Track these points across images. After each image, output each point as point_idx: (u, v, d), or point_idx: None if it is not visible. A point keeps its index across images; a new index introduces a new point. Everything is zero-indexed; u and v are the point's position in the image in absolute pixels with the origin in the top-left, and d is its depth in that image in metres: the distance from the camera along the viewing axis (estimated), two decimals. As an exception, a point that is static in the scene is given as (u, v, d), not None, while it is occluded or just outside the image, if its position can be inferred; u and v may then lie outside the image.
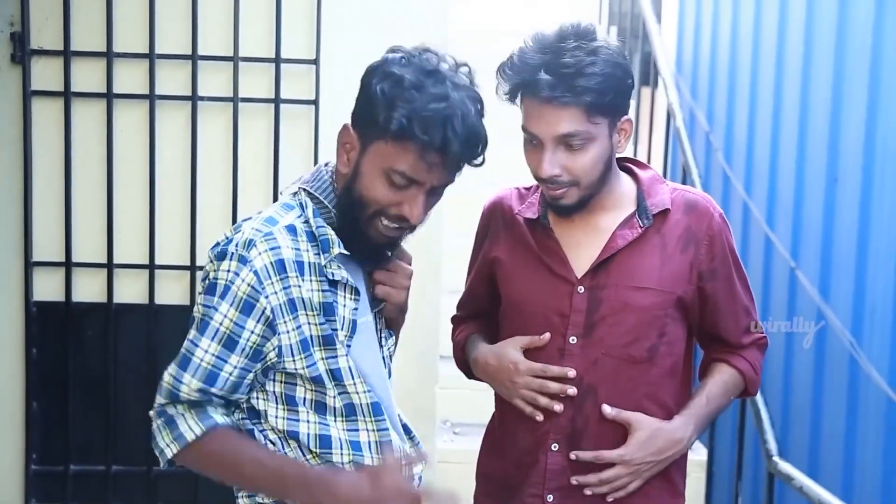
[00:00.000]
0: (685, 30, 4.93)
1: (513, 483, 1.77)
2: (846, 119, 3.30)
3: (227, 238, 1.49)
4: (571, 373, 1.69)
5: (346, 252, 1.51)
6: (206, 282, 1.48)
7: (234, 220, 2.67)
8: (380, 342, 1.63)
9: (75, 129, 2.64)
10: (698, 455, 3.43)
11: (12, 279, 2.66)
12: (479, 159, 1.50)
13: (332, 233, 1.50)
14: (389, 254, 1.58)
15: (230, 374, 1.47)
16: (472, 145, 1.46)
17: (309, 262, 1.48)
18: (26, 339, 2.67)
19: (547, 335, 1.70)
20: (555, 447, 1.72)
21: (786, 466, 2.71)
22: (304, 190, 1.54)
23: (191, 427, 1.48)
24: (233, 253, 1.44)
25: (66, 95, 2.62)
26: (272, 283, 1.45)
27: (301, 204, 1.52)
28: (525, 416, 1.74)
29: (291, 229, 1.48)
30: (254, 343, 1.46)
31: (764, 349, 1.84)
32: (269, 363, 1.49)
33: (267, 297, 1.45)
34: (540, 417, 1.70)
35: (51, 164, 2.65)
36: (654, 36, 4.23)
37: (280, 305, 1.46)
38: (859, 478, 3.14)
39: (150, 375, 2.70)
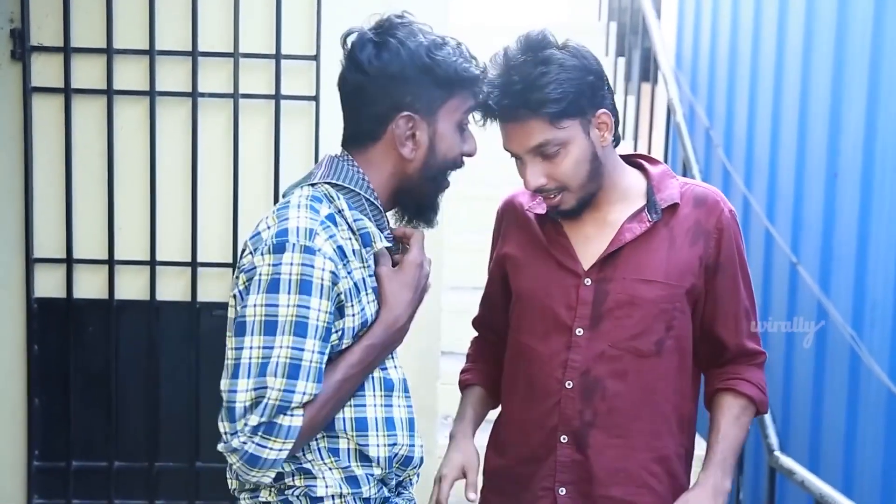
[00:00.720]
0: (685, 25, 4.93)
1: (523, 478, 1.78)
2: (846, 114, 3.31)
3: (269, 228, 1.46)
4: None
5: (389, 244, 1.56)
6: (261, 277, 1.42)
7: (235, 217, 2.67)
8: None
9: (76, 125, 2.64)
10: (699, 449, 3.43)
11: (13, 276, 2.66)
12: None
13: (371, 224, 1.53)
14: None
15: (323, 364, 1.46)
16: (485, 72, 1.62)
17: (354, 250, 1.50)
18: (28, 335, 2.67)
19: (473, 496, 1.76)
20: (564, 439, 1.73)
21: (787, 461, 2.71)
22: (329, 183, 1.54)
23: (293, 419, 1.41)
24: (294, 244, 1.42)
25: (67, 92, 2.62)
26: (342, 267, 1.46)
27: (327, 196, 1.52)
28: (533, 412, 1.75)
29: (332, 219, 1.49)
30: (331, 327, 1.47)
31: (763, 367, 1.83)
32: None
33: (341, 281, 1.46)
34: None
35: (51, 160, 2.65)
36: (654, 31, 4.23)
37: (349, 290, 1.47)
38: (860, 471, 3.14)
39: (151, 371, 2.71)
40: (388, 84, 1.50)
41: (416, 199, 1.58)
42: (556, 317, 1.73)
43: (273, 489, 1.52)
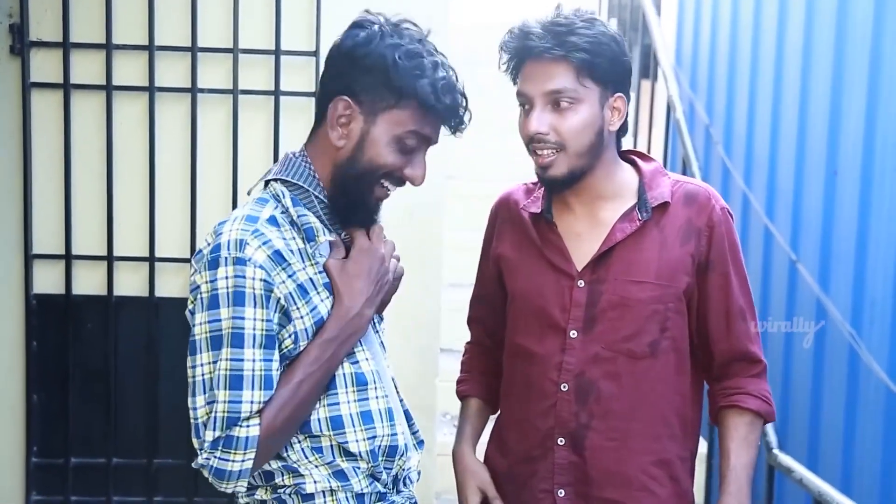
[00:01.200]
0: (685, 22, 4.92)
1: (522, 478, 1.78)
2: (846, 111, 3.30)
3: (209, 245, 1.47)
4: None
5: (331, 238, 1.54)
6: (202, 295, 1.43)
7: (234, 213, 2.66)
8: (374, 327, 1.64)
9: (75, 121, 2.64)
10: (700, 448, 3.44)
11: (12, 272, 2.66)
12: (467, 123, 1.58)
13: (315, 219, 1.52)
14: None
15: (277, 372, 1.46)
16: (467, 110, 1.56)
17: (299, 249, 1.50)
18: (26, 331, 2.66)
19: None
20: (561, 441, 1.72)
21: (786, 459, 2.71)
22: (279, 180, 1.54)
23: (249, 430, 1.43)
24: (226, 258, 1.42)
25: (66, 87, 2.62)
26: (278, 273, 1.45)
27: (275, 195, 1.53)
28: (530, 412, 1.74)
29: (273, 221, 1.49)
30: (275, 334, 1.46)
31: (765, 374, 1.79)
32: (283, 351, 1.48)
33: (277, 287, 1.45)
34: None
35: (50, 156, 2.64)
36: (654, 28, 4.22)
37: (290, 293, 1.46)
38: (858, 469, 3.14)
39: (150, 368, 2.70)
40: (345, 64, 1.50)
41: (345, 195, 1.53)
42: (550, 318, 1.73)
43: (268, 487, 1.52)
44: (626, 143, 4.49)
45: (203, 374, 1.43)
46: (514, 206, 1.83)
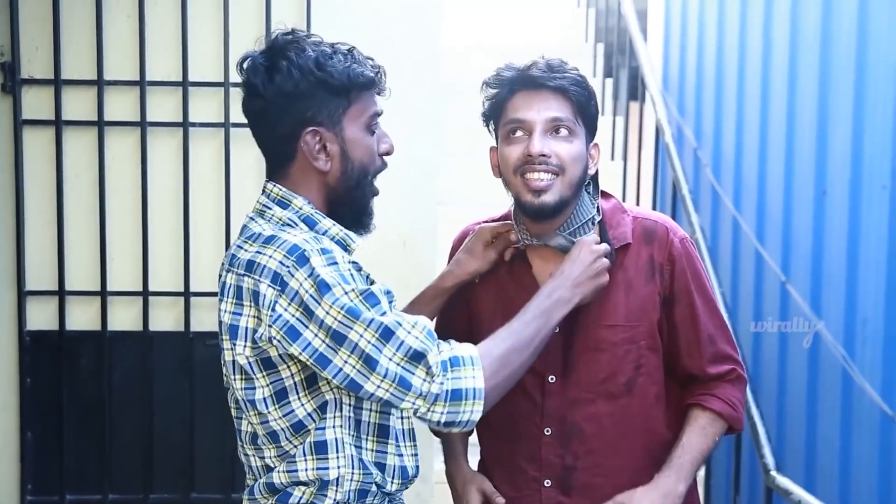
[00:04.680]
0: (671, 46, 4.97)
1: None
2: (833, 132, 3.34)
3: (273, 257, 1.48)
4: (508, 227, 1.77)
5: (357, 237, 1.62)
6: (308, 292, 1.44)
7: (227, 246, 2.66)
8: None
9: (67, 157, 2.64)
10: (695, 470, 3.43)
11: (5, 309, 2.65)
12: None
13: (339, 230, 1.58)
14: None
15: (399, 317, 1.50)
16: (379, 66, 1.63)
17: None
18: (20, 368, 2.65)
19: (501, 500, 1.78)
20: (547, 483, 1.75)
21: (784, 481, 2.71)
22: (296, 212, 1.57)
23: (474, 374, 1.46)
24: (311, 250, 1.47)
25: (58, 124, 2.62)
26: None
27: (287, 223, 1.56)
28: (516, 455, 1.76)
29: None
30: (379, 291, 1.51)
31: (740, 384, 1.80)
32: None
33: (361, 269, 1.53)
34: None
35: (42, 192, 2.65)
36: (641, 53, 4.26)
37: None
38: (855, 490, 3.15)
39: (145, 403, 2.69)
40: (286, 104, 1.52)
41: (348, 207, 1.60)
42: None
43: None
44: (617, 167, 4.52)
45: (367, 341, 1.44)
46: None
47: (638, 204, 4.02)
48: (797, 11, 3.60)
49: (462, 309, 1.86)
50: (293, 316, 1.45)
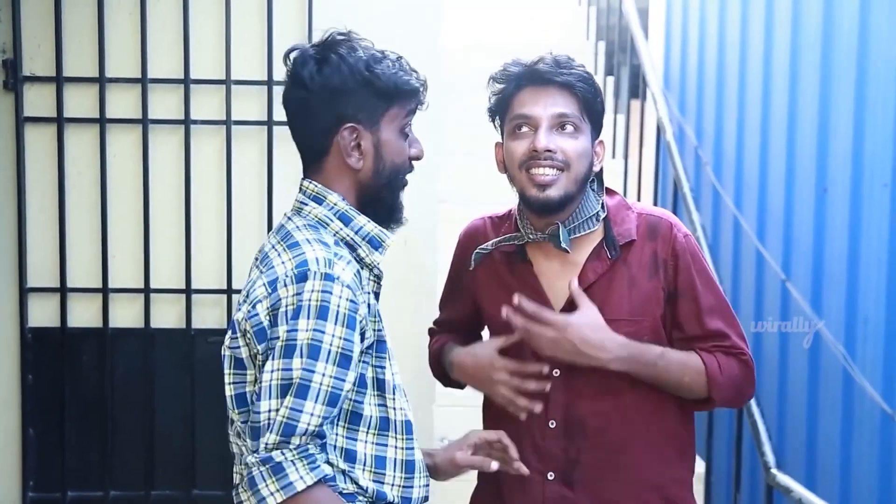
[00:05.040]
0: (672, 45, 4.97)
1: None
2: (833, 130, 3.34)
3: (285, 264, 1.50)
4: (546, 369, 1.72)
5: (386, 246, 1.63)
6: (286, 307, 1.47)
7: (229, 243, 2.67)
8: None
9: (68, 154, 2.65)
10: (696, 468, 3.44)
11: (7, 306, 2.65)
12: None
13: (373, 227, 1.59)
14: None
15: (347, 392, 1.50)
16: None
17: (358, 271, 1.57)
18: (22, 365, 2.66)
19: (517, 335, 1.74)
20: (551, 476, 1.75)
21: (784, 479, 2.72)
22: (331, 208, 1.59)
23: (302, 476, 1.45)
24: (315, 272, 1.47)
25: (59, 121, 2.63)
26: (359, 294, 1.52)
27: (321, 221, 1.58)
28: (519, 448, 1.75)
29: (338, 243, 1.57)
30: (357, 356, 1.51)
31: (742, 363, 1.75)
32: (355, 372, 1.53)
33: (360, 308, 1.51)
34: (523, 416, 1.73)
35: (44, 189, 2.65)
36: (643, 51, 4.26)
37: (366, 316, 1.53)
38: (856, 488, 3.15)
39: (146, 400, 2.70)
40: (330, 98, 1.56)
41: (380, 204, 1.63)
42: (532, 359, 1.75)
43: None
44: (618, 165, 4.52)
45: (271, 381, 1.46)
46: (484, 241, 1.84)
47: (639, 202, 4.02)
48: (798, 10, 3.60)
49: (467, 303, 1.89)
50: (266, 319, 1.50)
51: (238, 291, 2.68)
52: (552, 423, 1.74)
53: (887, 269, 3.02)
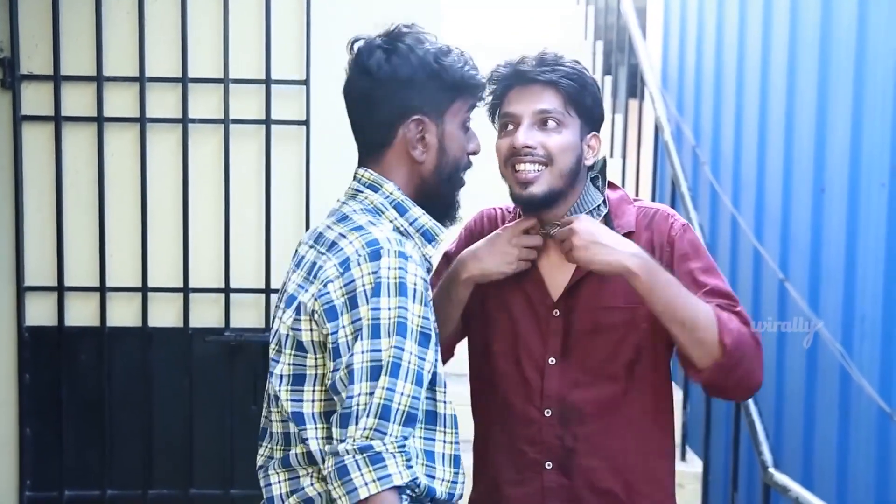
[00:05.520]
0: (670, 44, 4.97)
1: (511, 501, 1.79)
2: (831, 130, 3.34)
3: (353, 244, 1.47)
4: (534, 222, 1.74)
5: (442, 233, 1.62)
6: (364, 287, 1.44)
7: (227, 242, 2.67)
8: None
9: (66, 153, 2.64)
10: (694, 467, 3.44)
11: (4, 304, 2.65)
12: None
13: (427, 220, 1.58)
14: None
15: (427, 373, 1.47)
16: None
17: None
18: (19, 364, 2.66)
19: (534, 220, 1.75)
20: (549, 465, 1.75)
21: (782, 478, 2.72)
22: (387, 196, 1.57)
23: (400, 471, 1.40)
24: (388, 249, 1.46)
25: (57, 120, 2.62)
26: (425, 275, 1.51)
27: (376, 209, 1.57)
28: (515, 438, 1.76)
29: (394, 230, 1.56)
30: (435, 336, 1.49)
31: (746, 322, 1.68)
32: None
33: (429, 290, 1.50)
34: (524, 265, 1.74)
35: (42, 188, 2.65)
36: (641, 50, 4.26)
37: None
38: (853, 487, 3.15)
39: (144, 399, 2.69)
40: (397, 88, 1.55)
41: (439, 199, 1.62)
42: (528, 346, 1.77)
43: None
44: (616, 164, 4.52)
45: (362, 363, 1.42)
46: (492, 230, 1.84)
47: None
48: (796, 9, 3.60)
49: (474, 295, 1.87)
50: (340, 299, 1.45)
51: (235, 290, 2.68)
52: (548, 412, 1.75)
53: (884, 268, 3.02)
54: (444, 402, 1.55)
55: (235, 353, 2.68)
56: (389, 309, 1.43)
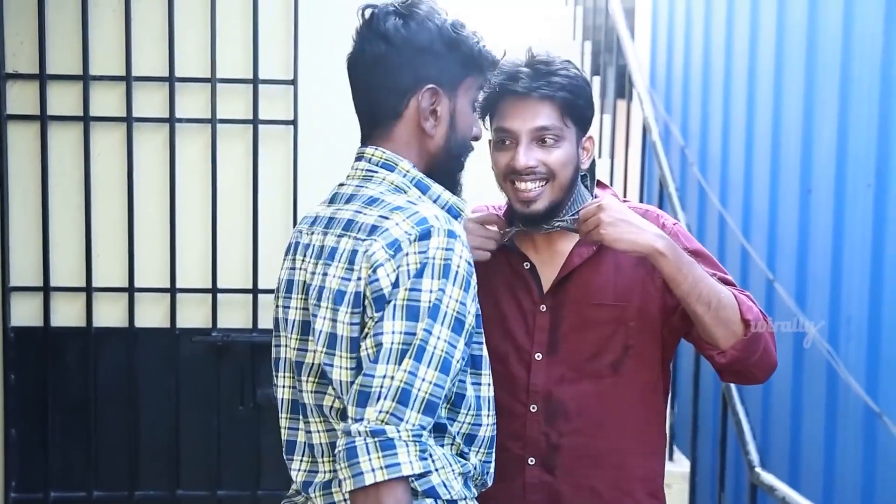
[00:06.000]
0: (658, 45, 4.98)
1: (493, 497, 1.78)
2: (818, 130, 3.35)
3: (399, 225, 1.38)
4: (497, 218, 1.75)
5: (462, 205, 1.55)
6: (408, 266, 1.36)
7: (214, 242, 2.66)
8: None
9: (52, 152, 2.63)
10: (681, 467, 3.45)
11: (-11, 305, 2.64)
12: None
13: (452, 195, 1.52)
14: None
15: (457, 362, 1.40)
16: None
17: None
18: (4, 364, 2.64)
19: (497, 217, 1.76)
20: (532, 461, 1.75)
21: (768, 477, 2.73)
22: (405, 175, 1.49)
23: (411, 461, 1.32)
24: (438, 228, 1.38)
25: (43, 119, 2.61)
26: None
27: (398, 188, 1.48)
28: (500, 435, 1.75)
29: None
30: (469, 324, 1.41)
31: (754, 302, 1.69)
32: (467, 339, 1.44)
33: (473, 273, 1.43)
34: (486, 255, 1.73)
35: (27, 188, 2.63)
36: (629, 51, 4.26)
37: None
38: (839, 486, 3.17)
39: (130, 399, 2.68)
40: (413, 55, 1.47)
41: (446, 176, 1.54)
42: (515, 341, 1.76)
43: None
44: (604, 164, 4.52)
45: (392, 344, 1.34)
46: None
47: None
48: (783, 11, 3.61)
49: None
50: (388, 282, 1.37)
51: (222, 290, 2.67)
52: (533, 408, 1.75)
53: (871, 269, 3.04)
54: (486, 385, 1.52)
55: (222, 354, 2.67)
56: (431, 291, 1.36)
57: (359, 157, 1.52)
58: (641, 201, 4.37)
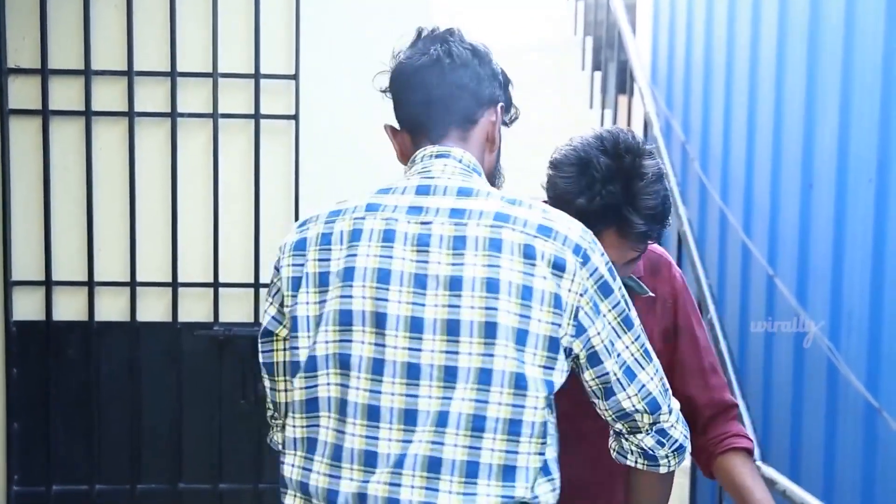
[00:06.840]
0: (659, 41, 4.98)
1: None
2: (820, 126, 3.35)
3: (572, 226, 1.40)
4: None
5: None
6: (603, 276, 1.40)
7: (216, 236, 2.66)
8: None
9: (54, 147, 2.63)
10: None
11: (-9, 299, 2.65)
12: None
13: None
14: None
15: None
16: None
17: None
18: (6, 359, 2.65)
19: None
20: None
21: (769, 471, 2.73)
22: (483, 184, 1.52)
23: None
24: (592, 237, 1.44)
25: (45, 114, 2.61)
26: None
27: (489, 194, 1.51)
28: None
29: None
30: None
31: (739, 416, 1.86)
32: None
33: None
34: None
35: (29, 182, 2.64)
36: (630, 47, 4.27)
37: None
38: (840, 480, 3.17)
39: (133, 393, 2.69)
40: (492, 73, 1.54)
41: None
42: None
43: None
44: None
45: (633, 354, 1.47)
46: None
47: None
48: (785, 6, 3.61)
49: None
50: (596, 293, 1.40)
51: (224, 285, 2.68)
52: None
53: (872, 264, 3.04)
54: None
55: (224, 348, 2.68)
56: (621, 290, 1.45)
57: (442, 155, 1.47)
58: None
